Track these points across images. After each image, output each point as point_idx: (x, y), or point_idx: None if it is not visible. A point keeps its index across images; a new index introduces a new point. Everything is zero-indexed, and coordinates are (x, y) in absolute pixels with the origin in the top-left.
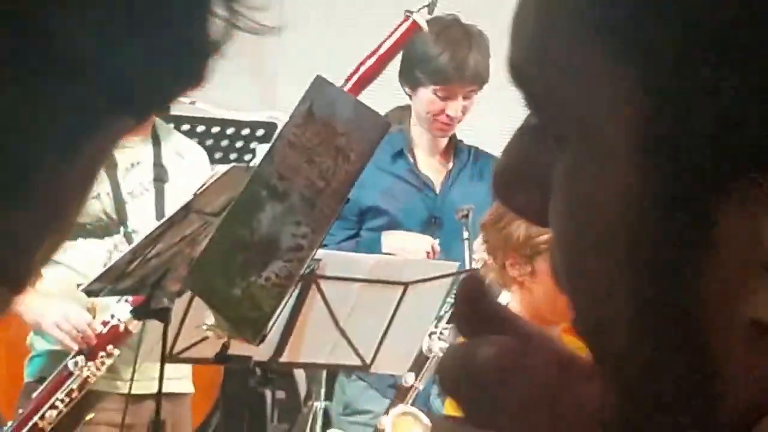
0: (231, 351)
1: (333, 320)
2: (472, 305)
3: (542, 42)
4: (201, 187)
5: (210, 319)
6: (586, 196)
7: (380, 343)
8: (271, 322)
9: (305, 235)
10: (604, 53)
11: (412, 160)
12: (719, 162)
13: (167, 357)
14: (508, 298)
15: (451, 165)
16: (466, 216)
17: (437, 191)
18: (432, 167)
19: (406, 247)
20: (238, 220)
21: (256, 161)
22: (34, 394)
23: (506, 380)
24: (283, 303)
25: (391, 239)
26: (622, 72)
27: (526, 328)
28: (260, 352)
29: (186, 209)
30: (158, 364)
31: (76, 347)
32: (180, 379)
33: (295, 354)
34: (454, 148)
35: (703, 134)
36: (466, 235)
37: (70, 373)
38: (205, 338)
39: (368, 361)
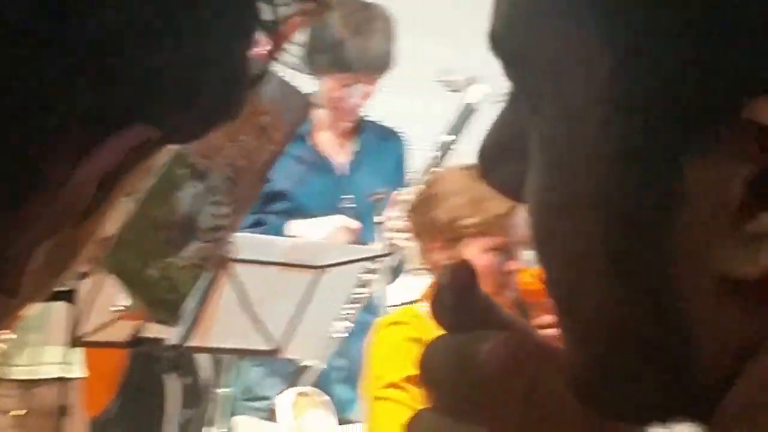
0: (142, 334)
1: (245, 304)
2: (464, 297)
3: (519, 10)
4: None
5: (123, 301)
6: (557, 159)
7: (293, 327)
8: (187, 304)
9: (226, 215)
10: (573, 15)
11: (315, 142)
12: (684, 115)
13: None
14: (428, 282)
15: (355, 146)
16: (381, 199)
17: (343, 173)
18: (336, 149)
19: (317, 235)
20: (157, 200)
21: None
22: None
23: (506, 375)
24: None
25: (296, 229)
26: (588, 31)
27: (508, 319)
28: (170, 335)
29: None
30: (50, 348)
31: None
32: (70, 363)
33: (205, 338)
34: (359, 128)
35: (666, 88)
36: (380, 218)
37: None
38: (113, 321)
39: (280, 346)
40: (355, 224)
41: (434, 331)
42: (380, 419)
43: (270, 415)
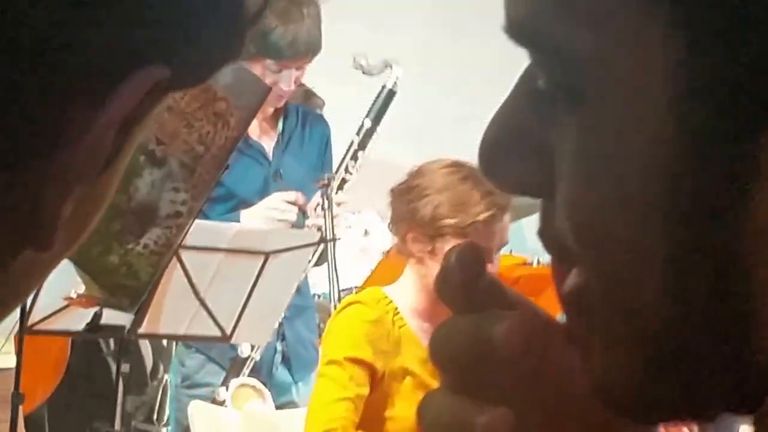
0: (100, 322)
1: (193, 291)
2: (474, 278)
3: None
4: None
5: (77, 288)
6: (614, 151)
7: (240, 313)
8: (147, 291)
9: (184, 201)
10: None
11: None
12: (759, 92)
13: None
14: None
15: (280, 128)
16: (327, 185)
17: (270, 157)
18: (263, 132)
19: (265, 216)
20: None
21: None
22: None
23: (519, 356)
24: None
25: (246, 219)
26: (650, 14)
27: (516, 298)
28: (118, 322)
29: None
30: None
31: None
32: (4, 354)
33: (153, 325)
34: (284, 110)
35: (743, 67)
36: (326, 204)
37: None
38: (62, 309)
39: (228, 332)
40: (293, 195)
41: (391, 314)
42: (316, 396)
43: (212, 402)
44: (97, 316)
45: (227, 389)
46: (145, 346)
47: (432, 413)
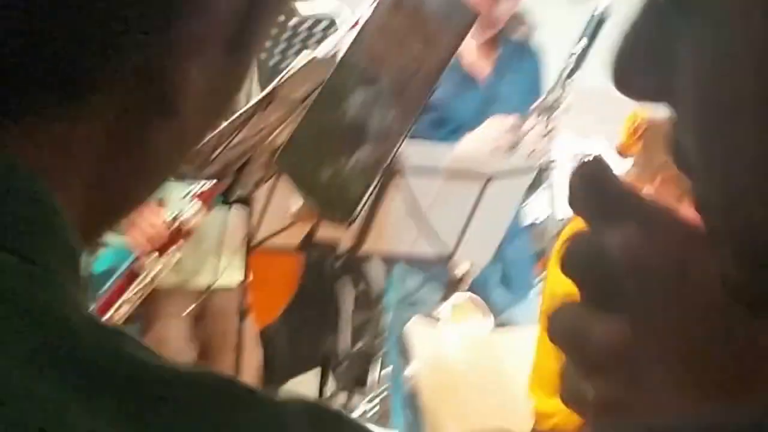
0: (315, 239)
1: (415, 210)
2: (594, 190)
3: None
4: (282, 75)
5: (296, 206)
6: (732, 58)
7: (462, 233)
8: (360, 206)
9: (394, 119)
10: None
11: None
12: None
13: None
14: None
15: (495, 56)
16: (543, 111)
17: (484, 83)
18: (477, 59)
19: (484, 140)
20: (327, 104)
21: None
22: (106, 287)
23: (633, 268)
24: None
25: (467, 141)
26: None
27: (647, 207)
28: (342, 241)
29: (268, 97)
30: (227, 256)
31: (148, 245)
32: (240, 269)
33: (376, 244)
34: (498, 38)
35: None
36: (543, 129)
37: (141, 268)
38: (289, 226)
39: (450, 252)
40: (510, 120)
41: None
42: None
43: (430, 320)
44: (311, 232)
45: (446, 306)
46: (374, 267)
47: (557, 320)
